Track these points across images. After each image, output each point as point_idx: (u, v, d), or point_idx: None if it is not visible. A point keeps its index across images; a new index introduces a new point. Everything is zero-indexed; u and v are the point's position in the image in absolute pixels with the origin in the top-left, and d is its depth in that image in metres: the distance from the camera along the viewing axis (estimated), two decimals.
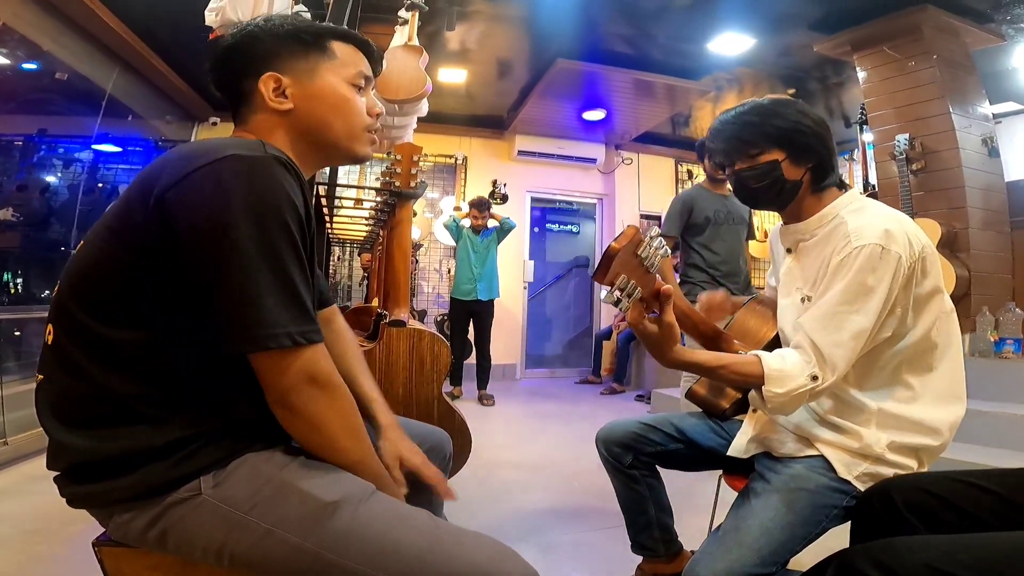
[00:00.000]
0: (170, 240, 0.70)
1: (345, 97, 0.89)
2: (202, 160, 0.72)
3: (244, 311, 0.70)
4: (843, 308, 1.00)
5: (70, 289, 0.76)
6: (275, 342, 0.71)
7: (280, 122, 0.86)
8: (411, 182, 1.86)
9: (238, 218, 0.69)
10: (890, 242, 1.00)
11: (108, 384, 0.72)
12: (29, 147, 3.83)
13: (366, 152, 0.93)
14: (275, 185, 0.73)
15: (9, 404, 2.64)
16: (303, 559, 0.72)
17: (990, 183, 3.45)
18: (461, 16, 3.72)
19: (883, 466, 1.06)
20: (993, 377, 2.80)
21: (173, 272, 0.71)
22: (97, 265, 0.75)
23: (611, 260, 0.86)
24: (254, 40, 0.86)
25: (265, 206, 0.71)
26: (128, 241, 0.72)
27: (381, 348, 1.73)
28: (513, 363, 6.07)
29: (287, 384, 0.73)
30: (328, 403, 0.76)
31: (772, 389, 0.99)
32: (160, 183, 0.72)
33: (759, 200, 1.19)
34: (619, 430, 1.43)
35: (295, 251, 0.74)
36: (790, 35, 3.90)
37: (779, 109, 1.12)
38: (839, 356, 0.99)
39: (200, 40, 1.94)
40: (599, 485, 2.47)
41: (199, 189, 0.71)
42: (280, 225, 0.72)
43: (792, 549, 1.01)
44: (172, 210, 0.70)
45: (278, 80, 0.85)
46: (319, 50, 0.88)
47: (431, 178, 5.85)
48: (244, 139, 0.78)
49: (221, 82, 0.89)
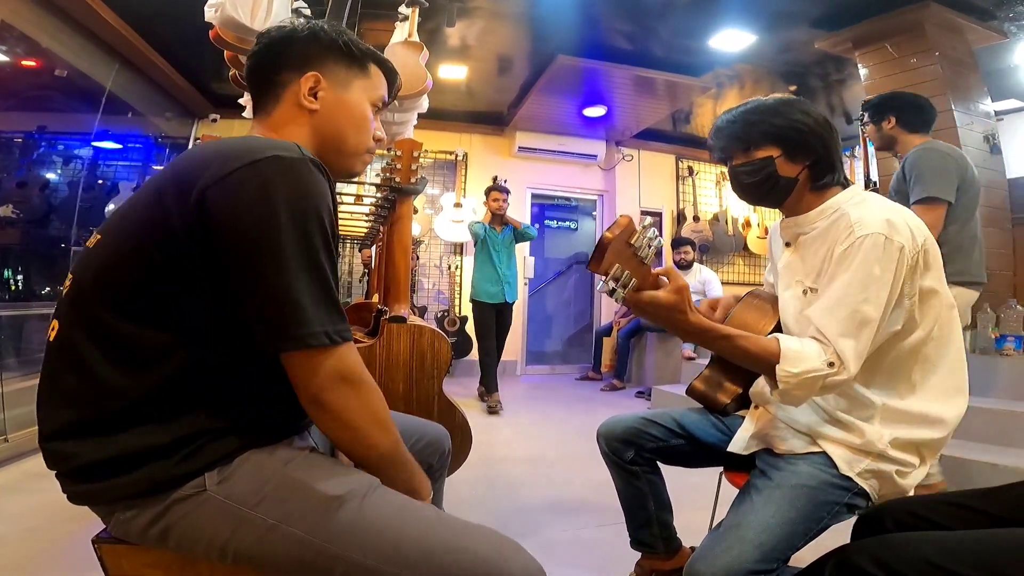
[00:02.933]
0: (209, 238, 0.71)
1: (366, 115, 0.95)
2: (244, 159, 0.73)
3: (285, 310, 0.71)
4: (850, 298, 1.00)
5: (93, 282, 0.75)
6: (316, 340, 0.72)
7: (303, 120, 0.90)
8: (411, 178, 1.85)
9: (282, 219, 0.71)
10: (893, 232, 1.00)
11: (116, 382, 0.72)
12: (29, 144, 3.83)
13: (359, 171, 0.98)
14: (313, 187, 0.75)
15: (9, 401, 2.64)
16: (308, 553, 0.72)
17: (991, 180, 3.44)
18: (461, 12, 3.71)
19: (885, 463, 1.06)
20: (994, 374, 2.80)
21: (208, 270, 0.72)
22: (124, 261, 0.74)
23: (605, 249, 0.86)
24: (315, 37, 0.90)
25: (305, 207, 0.73)
26: (160, 239, 0.72)
27: (381, 344, 1.73)
28: (514, 360, 6.07)
29: (320, 383, 0.74)
30: (358, 400, 0.77)
31: (787, 368, 0.98)
32: (201, 181, 0.72)
33: (753, 196, 1.20)
34: (620, 425, 1.44)
35: (329, 251, 0.76)
36: (791, 32, 3.89)
37: (780, 108, 1.13)
38: (847, 347, 0.98)
39: (200, 37, 1.93)
40: (599, 481, 2.47)
41: (242, 188, 0.72)
42: (318, 226, 0.74)
43: (793, 545, 1.01)
44: (214, 208, 0.71)
45: (318, 80, 0.89)
46: (360, 67, 0.94)
47: (431, 174, 5.84)
48: (281, 140, 0.79)
49: (262, 66, 0.91)
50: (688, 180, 6.50)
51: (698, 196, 6.48)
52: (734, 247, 6.34)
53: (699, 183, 6.53)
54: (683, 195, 6.51)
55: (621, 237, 0.88)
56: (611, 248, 0.87)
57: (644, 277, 0.94)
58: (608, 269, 0.88)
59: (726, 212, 6.39)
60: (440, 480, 1.22)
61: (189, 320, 0.74)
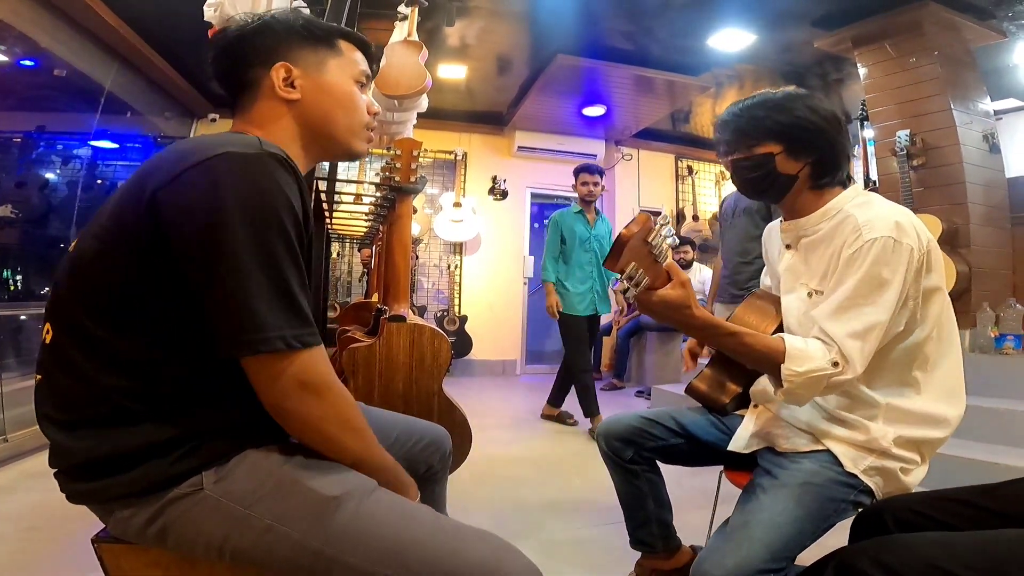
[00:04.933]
0: (163, 241, 0.69)
1: (351, 93, 0.91)
2: (195, 158, 0.70)
3: (236, 314, 0.68)
4: (858, 301, 1.00)
5: (68, 289, 0.75)
6: (267, 346, 0.69)
7: (286, 111, 0.87)
8: (411, 177, 1.85)
9: (231, 218, 0.68)
10: (902, 235, 1.00)
11: (108, 383, 0.72)
12: (28, 144, 3.82)
13: (362, 149, 0.95)
14: (270, 183, 0.71)
15: (8, 401, 2.64)
16: (305, 555, 0.72)
17: (991, 179, 3.44)
18: (461, 12, 3.71)
19: (889, 460, 1.07)
20: (993, 373, 2.80)
21: (168, 273, 0.70)
22: (94, 266, 0.73)
23: (623, 247, 0.85)
24: (267, 30, 0.87)
25: (259, 206, 0.70)
26: (123, 242, 0.71)
27: (381, 344, 1.73)
28: (513, 359, 6.07)
29: (280, 390, 0.72)
30: (323, 407, 0.75)
31: (792, 367, 0.98)
32: (153, 182, 0.70)
33: (752, 190, 1.20)
34: (620, 424, 1.43)
35: (290, 252, 0.72)
36: (791, 31, 3.89)
37: (785, 103, 1.12)
38: (854, 348, 0.98)
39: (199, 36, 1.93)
40: (599, 481, 2.47)
41: (191, 188, 0.69)
42: (275, 225, 0.70)
43: (801, 544, 1.01)
44: (164, 210, 0.69)
45: (289, 70, 0.86)
46: (328, 46, 0.90)
47: (431, 174, 5.84)
48: (240, 136, 0.77)
49: (226, 69, 0.88)
50: (687, 179, 6.50)
51: (697, 195, 6.48)
52: None
53: (698, 182, 6.53)
54: (682, 194, 6.51)
55: (639, 235, 0.86)
56: (629, 246, 0.85)
57: (656, 276, 0.93)
58: (625, 267, 0.86)
59: None
60: (442, 481, 1.22)
61: (160, 324, 0.72)
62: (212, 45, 0.89)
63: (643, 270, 0.88)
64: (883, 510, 1.00)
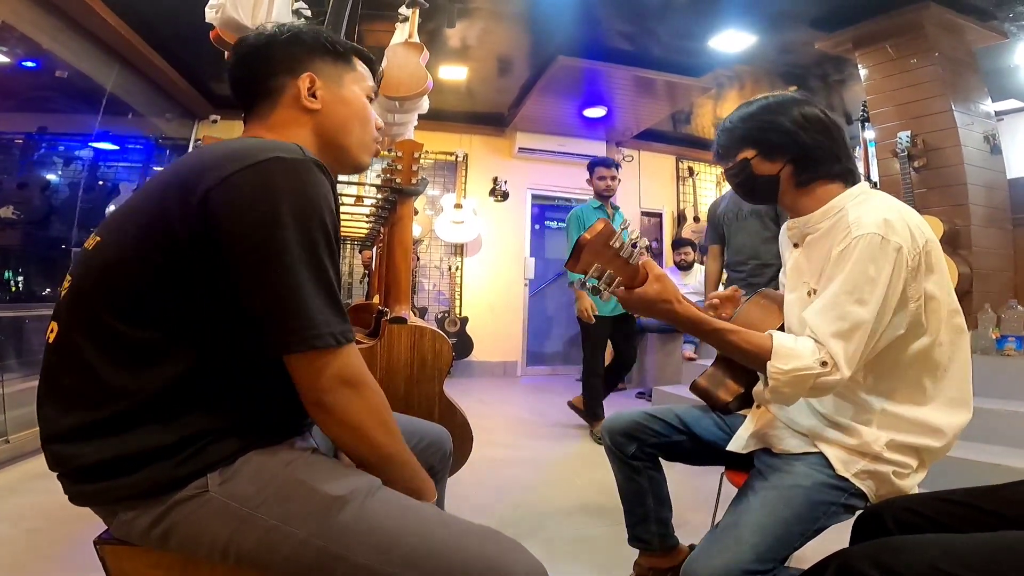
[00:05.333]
0: (212, 240, 0.71)
1: (366, 107, 0.96)
2: (246, 161, 0.73)
3: (291, 311, 0.71)
4: (843, 298, 0.98)
5: (94, 285, 0.75)
6: (321, 341, 0.72)
7: (306, 121, 0.90)
8: (412, 179, 1.85)
9: (285, 220, 0.71)
10: (890, 232, 0.98)
11: (118, 384, 0.72)
12: (29, 145, 3.83)
13: (367, 163, 1.00)
14: (316, 188, 0.75)
15: (10, 402, 2.64)
16: (310, 554, 0.72)
17: (992, 180, 3.44)
18: (462, 13, 3.72)
19: (882, 464, 1.06)
20: (995, 374, 2.79)
21: (211, 273, 0.72)
22: (126, 264, 0.74)
23: (581, 250, 0.92)
24: (297, 41, 0.91)
25: (308, 208, 0.73)
26: (162, 242, 0.72)
27: (382, 345, 1.73)
28: (514, 361, 6.07)
29: (323, 385, 0.74)
30: (361, 402, 0.77)
31: (777, 365, 0.97)
32: (203, 183, 0.72)
33: (744, 194, 1.26)
34: (623, 419, 1.45)
35: (331, 252, 0.76)
36: (791, 32, 3.90)
37: (756, 111, 1.17)
38: (839, 348, 0.97)
39: (200, 38, 1.93)
40: (600, 481, 2.47)
41: (246, 190, 0.72)
42: (320, 227, 0.74)
43: (790, 546, 1.01)
44: (217, 210, 0.71)
45: (313, 80, 0.90)
46: (345, 61, 0.95)
47: (432, 175, 5.85)
48: (280, 142, 0.79)
49: (249, 75, 0.91)
50: (688, 181, 6.50)
51: (698, 197, 6.48)
52: None
53: (699, 184, 6.53)
54: (683, 196, 6.52)
55: (599, 240, 0.93)
56: (587, 249, 0.92)
57: (632, 275, 0.99)
58: (586, 269, 0.93)
59: None
60: (442, 481, 1.22)
61: (190, 322, 0.74)
62: (235, 50, 0.93)
63: (612, 271, 0.95)
64: (883, 511, 1.00)
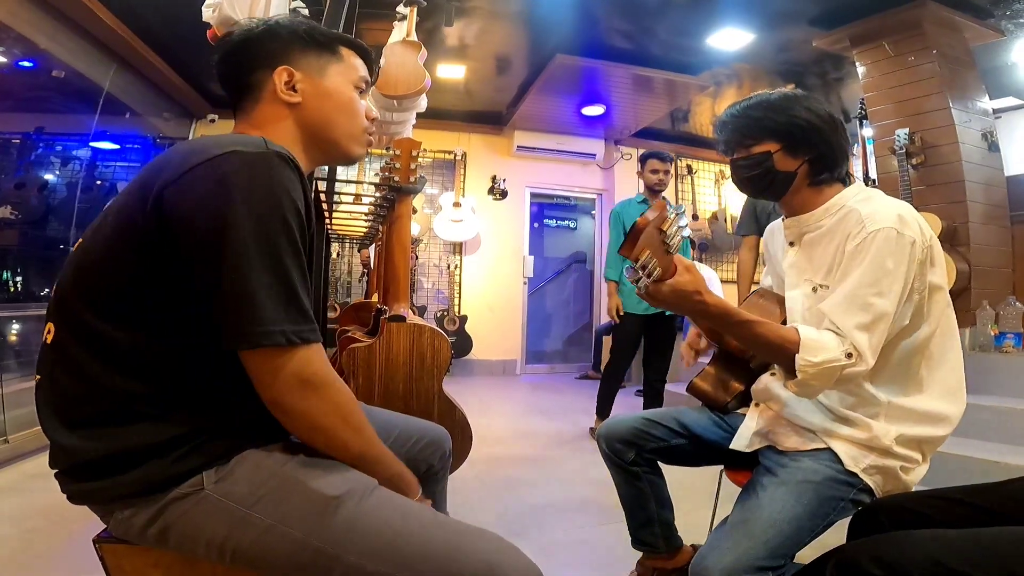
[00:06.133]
0: (169, 237, 0.70)
1: (351, 98, 0.94)
2: (202, 156, 0.72)
3: (241, 308, 0.69)
4: (864, 291, 1.00)
5: (73, 286, 0.75)
6: (269, 339, 0.70)
7: (287, 114, 0.89)
8: (410, 177, 1.85)
9: (237, 215, 0.69)
10: (904, 226, 1.01)
11: (109, 382, 0.72)
12: (27, 145, 3.83)
13: (360, 153, 0.97)
14: (276, 182, 0.73)
15: (9, 402, 2.64)
16: (306, 554, 0.72)
17: (990, 178, 3.44)
18: (460, 12, 3.71)
19: (890, 459, 1.07)
20: (993, 371, 2.80)
21: (173, 270, 0.71)
22: (99, 263, 0.74)
23: (639, 234, 0.86)
24: (272, 34, 0.89)
25: (265, 203, 0.71)
26: (129, 239, 0.72)
27: (381, 344, 1.73)
28: (514, 359, 6.07)
29: (280, 386, 0.72)
30: (323, 404, 0.76)
31: (807, 357, 0.98)
32: (159, 180, 0.71)
33: (752, 188, 1.22)
34: (621, 426, 1.43)
35: (294, 249, 0.74)
36: (789, 30, 3.89)
37: (782, 103, 1.14)
38: (863, 339, 0.98)
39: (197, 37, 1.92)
40: (599, 480, 2.47)
41: (199, 185, 0.70)
42: (280, 222, 0.72)
43: (800, 541, 1.01)
44: (171, 207, 0.70)
45: (291, 74, 0.88)
46: (330, 52, 0.93)
47: (430, 174, 5.84)
48: (246, 136, 0.78)
49: (230, 72, 0.90)
50: (687, 179, 6.50)
51: (697, 194, 6.48)
52: (733, 245, 6.33)
53: (698, 181, 6.53)
54: (682, 194, 6.51)
55: (655, 223, 0.87)
56: (646, 233, 0.86)
57: (667, 267, 0.94)
58: (639, 255, 0.87)
59: (725, 210, 6.39)
60: (443, 480, 1.22)
61: (170, 321, 0.73)
62: (217, 48, 0.91)
63: (656, 260, 0.88)
64: (878, 509, 1.01)
